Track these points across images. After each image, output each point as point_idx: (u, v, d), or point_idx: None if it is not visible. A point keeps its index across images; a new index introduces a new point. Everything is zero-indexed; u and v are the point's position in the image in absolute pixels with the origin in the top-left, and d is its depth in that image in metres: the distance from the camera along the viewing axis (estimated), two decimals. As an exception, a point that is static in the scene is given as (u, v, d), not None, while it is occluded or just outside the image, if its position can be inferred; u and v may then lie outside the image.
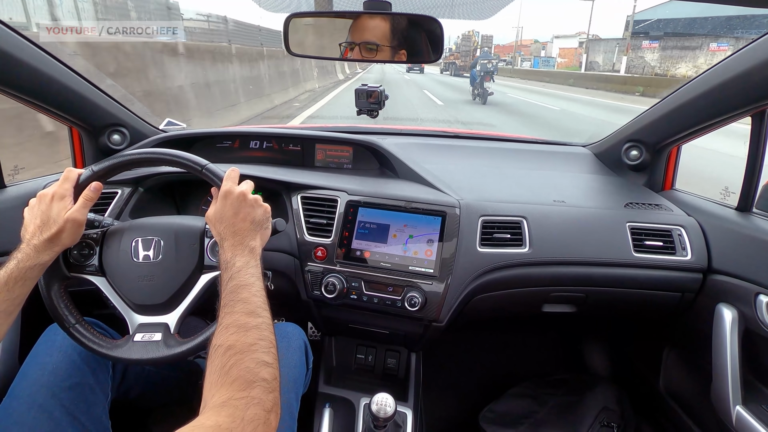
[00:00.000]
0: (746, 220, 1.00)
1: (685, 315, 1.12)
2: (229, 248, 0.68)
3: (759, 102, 0.91)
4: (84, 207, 0.71)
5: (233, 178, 0.75)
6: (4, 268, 0.64)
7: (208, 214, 0.73)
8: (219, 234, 0.70)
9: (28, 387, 0.71)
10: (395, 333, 1.12)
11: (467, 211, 1.03)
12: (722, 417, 0.95)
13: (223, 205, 0.71)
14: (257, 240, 0.72)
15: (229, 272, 0.65)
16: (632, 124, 1.28)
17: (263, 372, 0.52)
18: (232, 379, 0.51)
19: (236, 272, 0.64)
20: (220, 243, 0.70)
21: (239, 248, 0.68)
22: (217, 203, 0.72)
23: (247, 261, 0.67)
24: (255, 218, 0.73)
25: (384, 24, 0.89)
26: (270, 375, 0.53)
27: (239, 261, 0.66)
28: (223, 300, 0.62)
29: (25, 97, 0.98)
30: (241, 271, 0.65)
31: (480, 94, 11.12)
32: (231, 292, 0.62)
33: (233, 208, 0.71)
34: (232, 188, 0.73)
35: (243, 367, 0.52)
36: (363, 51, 0.90)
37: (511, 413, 1.33)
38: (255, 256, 0.70)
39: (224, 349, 0.54)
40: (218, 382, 0.51)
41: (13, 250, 0.66)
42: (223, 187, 0.73)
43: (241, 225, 0.71)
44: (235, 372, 0.51)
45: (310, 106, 9.35)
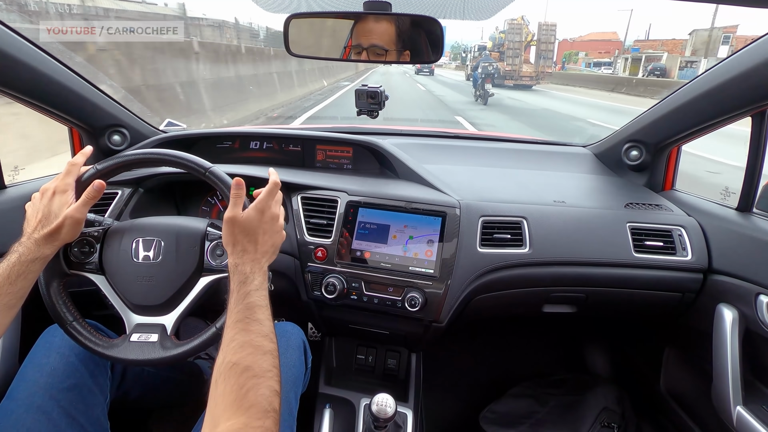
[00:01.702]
0: (746, 221, 1.00)
1: (686, 315, 1.12)
2: (249, 262, 0.66)
3: (759, 102, 0.91)
4: (84, 205, 0.71)
5: (278, 198, 0.74)
6: (6, 262, 0.64)
7: (233, 216, 0.68)
8: (239, 242, 0.68)
9: (26, 388, 0.71)
10: (395, 333, 1.12)
11: (467, 212, 1.03)
12: (723, 417, 0.95)
13: (257, 219, 0.69)
14: (269, 255, 0.72)
15: (246, 287, 0.63)
16: (632, 124, 1.28)
17: (275, 402, 0.53)
18: (249, 404, 0.50)
19: (254, 290, 0.63)
20: (238, 251, 0.67)
21: (257, 266, 0.67)
22: (250, 211, 0.69)
23: (262, 282, 0.66)
24: (275, 244, 0.73)
25: (391, 28, 0.89)
26: (279, 406, 0.53)
27: (257, 279, 0.65)
28: (237, 312, 0.60)
29: (25, 97, 0.98)
30: (258, 291, 0.64)
31: (481, 95, 11.75)
32: (247, 308, 0.61)
33: (265, 226, 0.70)
34: (272, 207, 0.72)
35: (260, 394, 0.52)
36: (371, 55, 0.91)
37: (512, 413, 1.33)
38: (267, 279, 0.69)
39: (242, 369, 0.53)
40: (235, 404, 0.51)
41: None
42: (262, 200, 0.71)
43: (265, 246, 0.70)
44: (252, 397, 0.51)
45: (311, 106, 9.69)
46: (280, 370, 0.57)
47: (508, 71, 20.03)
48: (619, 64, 34.05)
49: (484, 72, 11.72)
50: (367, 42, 0.90)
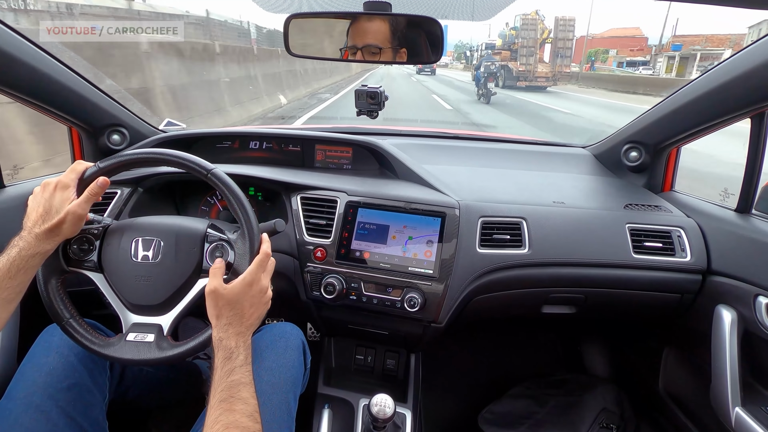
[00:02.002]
0: (746, 222, 1.00)
1: (685, 316, 1.12)
2: (234, 336, 0.64)
3: (758, 104, 0.91)
4: (87, 201, 0.70)
5: (269, 269, 0.73)
6: (6, 256, 0.63)
7: (215, 289, 0.66)
8: (224, 316, 0.66)
9: (24, 388, 0.71)
10: (395, 334, 1.11)
11: (467, 212, 1.03)
12: (721, 418, 0.95)
13: (244, 292, 0.67)
14: (254, 325, 0.69)
15: (231, 363, 0.61)
16: (632, 125, 1.29)
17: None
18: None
19: (238, 366, 0.61)
20: (223, 325, 0.65)
21: (242, 340, 0.65)
22: (237, 285, 0.67)
23: (246, 357, 0.64)
24: (261, 316, 0.70)
25: (384, 26, 0.89)
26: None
27: (242, 354, 0.63)
28: (221, 391, 0.59)
29: (24, 97, 0.98)
30: (242, 367, 0.62)
31: (484, 94, 12.03)
32: (232, 386, 0.59)
33: (252, 299, 0.68)
34: (262, 280, 0.70)
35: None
36: (366, 54, 0.90)
37: (511, 414, 1.33)
38: (249, 348, 0.66)
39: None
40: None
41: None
42: (252, 272, 0.69)
43: (251, 320, 0.68)
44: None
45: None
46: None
47: (521, 71, 18.14)
48: (660, 64, 29.96)
49: (486, 71, 11.93)
50: (361, 42, 0.90)
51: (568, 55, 19.56)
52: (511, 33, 20.00)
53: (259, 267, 0.70)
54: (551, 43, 19.41)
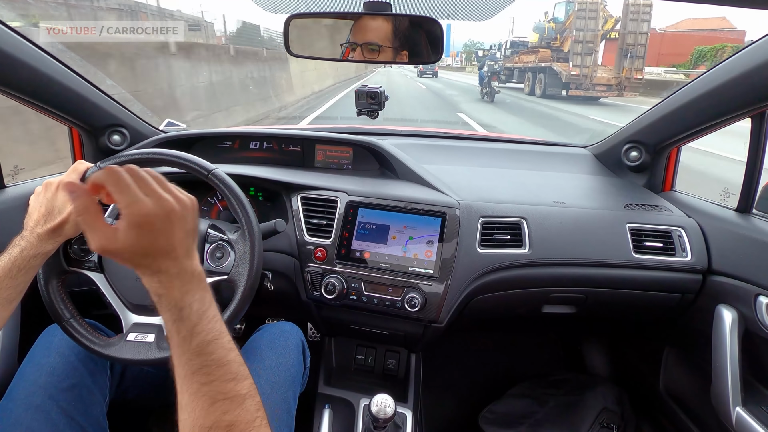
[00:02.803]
0: (746, 221, 1.00)
1: (685, 316, 1.12)
2: (172, 283, 0.46)
3: (759, 103, 0.91)
4: None
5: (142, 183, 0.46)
6: (7, 255, 0.63)
7: (101, 246, 0.45)
8: (141, 265, 0.46)
9: (25, 388, 0.71)
10: (395, 334, 1.12)
11: (467, 212, 1.03)
12: (722, 418, 0.95)
13: (143, 234, 0.44)
14: (195, 253, 0.50)
15: (185, 323, 0.45)
16: (632, 125, 1.29)
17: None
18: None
19: (198, 321, 0.46)
20: (149, 277, 0.46)
21: (185, 279, 0.47)
22: (128, 233, 0.44)
23: (202, 297, 0.47)
24: (191, 229, 0.49)
25: (386, 25, 0.89)
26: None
27: (195, 303, 0.46)
28: (186, 364, 0.45)
29: (24, 97, 0.98)
30: (202, 319, 0.46)
31: (488, 93, 12.33)
32: (198, 353, 0.45)
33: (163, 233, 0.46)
34: (148, 205, 0.45)
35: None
36: (365, 52, 0.90)
37: (511, 414, 1.33)
38: (203, 283, 0.49)
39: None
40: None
41: None
42: (133, 207, 0.44)
43: (179, 245, 0.47)
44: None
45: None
46: (261, 403, 0.47)
47: (574, 77, 12.96)
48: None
49: (490, 70, 12.57)
50: (361, 39, 0.89)
51: (641, 55, 13.03)
52: (550, 26, 15.55)
53: (128, 188, 0.45)
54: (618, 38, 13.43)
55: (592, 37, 13.27)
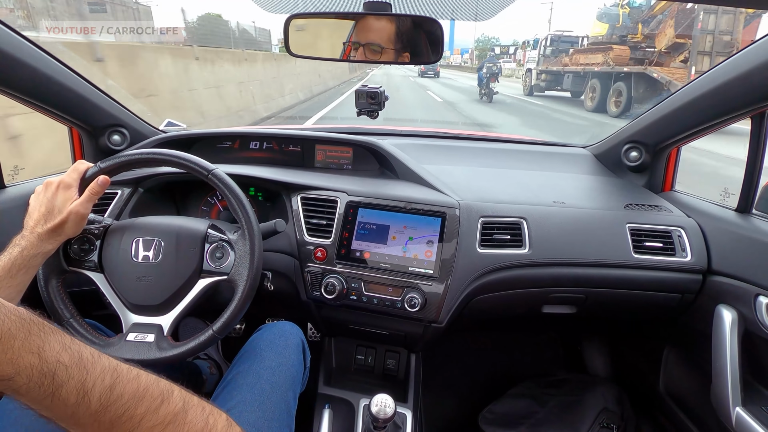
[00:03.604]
0: (746, 222, 1.00)
1: (685, 316, 1.12)
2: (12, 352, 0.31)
3: (759, 103, 0.91)
4: (89, 201, 0.71)
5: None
6: (7, 255, 0.64)
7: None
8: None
9: None
10: (395, 334, 1.12)
11: (467, 212, 1.03)
12: (722, 418, 0.95)
13: None
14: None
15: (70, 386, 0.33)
16: (632, 125, 1.29)
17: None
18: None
19: (83, 372, 0.34)
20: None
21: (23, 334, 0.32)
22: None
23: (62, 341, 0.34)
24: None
25: (390, 26, 0.89)
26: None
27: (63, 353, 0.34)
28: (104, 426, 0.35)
29: (24, 97, 0.98)
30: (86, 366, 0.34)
31: (486, 94, 12.54)
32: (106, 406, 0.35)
33: None
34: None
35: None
36: (367, 52, 0.90)
37: (511, 414, 1.33)
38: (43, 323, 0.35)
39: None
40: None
41: None
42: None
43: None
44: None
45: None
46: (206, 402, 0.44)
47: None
48: None
49: (489, 72, 12.40)
50: (364, 39, 0.90)
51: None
52: (624, 11, 12.01)
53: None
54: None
55: (729, 25, 8.31)
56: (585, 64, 11.51)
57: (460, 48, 57.84)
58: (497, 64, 13.29)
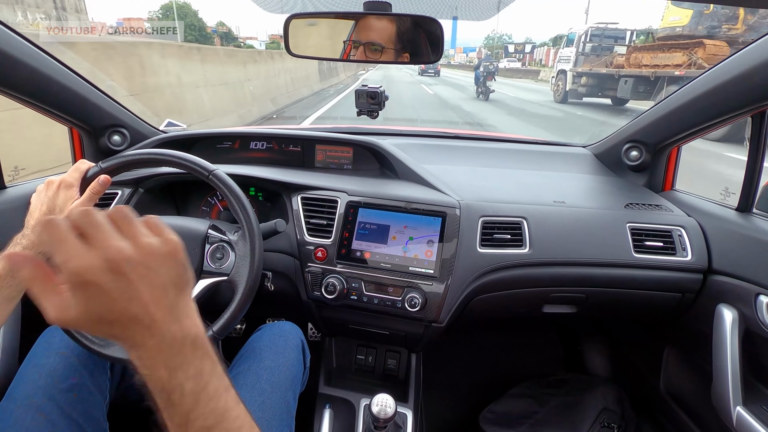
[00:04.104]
0: (746, 221, 1.00)
1: (686, 315, 1.12)
2: (152, 359, 0.35)
3: (759, 102, 0.91)
4: (89, 200, 0.71)
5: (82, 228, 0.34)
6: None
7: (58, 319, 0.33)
8: (118, 338, 0.36)
9: (24, 388, 0.71)
10: (395, 334, 1.12)
11: (467, 212, 1.02)
12: (723, 417, 0.95)
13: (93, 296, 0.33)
14: (190, 311, 0.39)
15: (177, 410, 0.36)
16: (632, 124, 1.28)
17: None
18: None
19: (193, 406, 0.36)
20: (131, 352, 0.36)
21: (172, 352, 0.36)
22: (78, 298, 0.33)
23: (198, 372, 0.37)
24: (169, 276, 0.37)
25: (390, 26, 0.89)
26: None
27: (189, 382, 0.36)
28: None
29: (24, 97, 0.98)
30: (199, 402, 0.36)
31: (483, 92, 12.96)
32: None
33: (117, 291, 0.34)
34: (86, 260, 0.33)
35: None
36: (367, 51, 0.90)
37: (512, 413, 1.33)
38: (200, 350, 0.38)
39: None
40: None
41: None
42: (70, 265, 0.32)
43: (150, 308, 0.35)
44: None
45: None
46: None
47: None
48: None
49: (486, 70, 12.76)
50: (365, 38, 0.90)
51: None
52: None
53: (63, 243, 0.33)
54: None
55: None
56: (655, 66, 8.84)
57: (463, 47, 56.20)
58: (494, 63, 14.04)
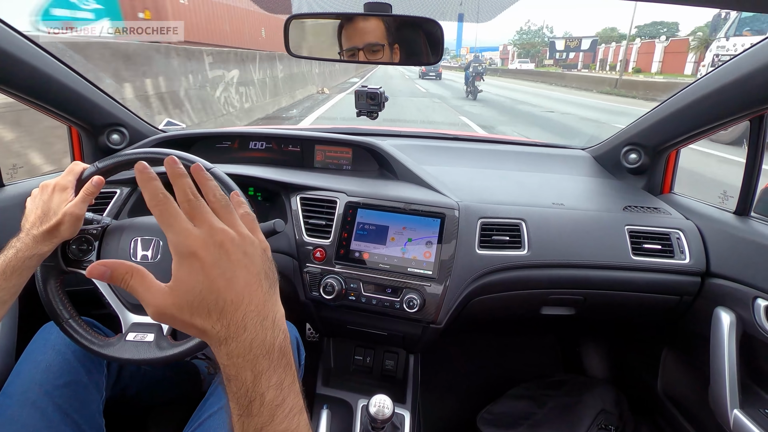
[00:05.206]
0: (744, 224, 1.01)
1: (684, 318, 1.12)
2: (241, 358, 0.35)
3: (757, 106, 0.91)
4: (83, 201, 0.70)
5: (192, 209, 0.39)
6: (2, 257, 0.63)
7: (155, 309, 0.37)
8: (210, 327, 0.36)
9: (21, 385, 0.71)
10: (394, 334, 1.12)
11: (466, 213, 1.03)
12: (720, 420, 0.95)
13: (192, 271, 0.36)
14: (278, 315, 0.38)
15: (253, 421, 0.35)
16: (631, 127, 1.29)
17: None
18: None
19: (269, 419, 0.35)
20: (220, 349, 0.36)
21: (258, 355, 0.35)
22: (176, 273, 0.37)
23: (280, 381, 0.36)
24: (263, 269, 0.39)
25: (380, 24, 0.89)
26: None
27: (270, 391, 0.35)
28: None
29: (24, 96, 0.98)
30: (275, 416, 0.36)
31: (471, 92, 13.77)
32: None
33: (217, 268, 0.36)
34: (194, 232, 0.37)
35: None
36: (367, 54, 0.90)
37: (510, 414, 1.33)
38: (285, 357, 0.37)
39: None
40: None
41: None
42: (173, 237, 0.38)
43: (244, 297, 0.36)
44: None
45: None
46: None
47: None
48: None
49: (474, 71, 13.65)
50: (361, 42, 0.90)
51: None
52: None
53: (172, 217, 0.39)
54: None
55: None
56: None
57: (464, 49, 52.78)
58: (482, 64, 14.99)
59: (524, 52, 31.08)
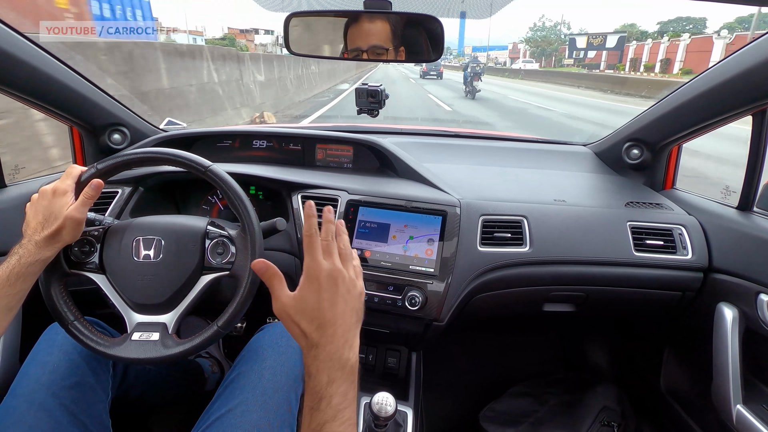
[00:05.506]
0: (747, 219, 1.00)
1: (686, 314, 1.12)
2: (322, 363, 0.47)
3: (759, 101, 0.91)
4: (84, 205, 0.70)
5: (327, 247, 0.52)
6: (6, 264, 0.64)
7: (280, 305, 0.51)
8: (308, 332, 0.48)
9: (28, 386, 0.72)
10: (396, 332, 1.12)
11: (468, 211, 1.03)
12: (723, 416, 0.95)
13: (313, 289, 0.49)
14: (356, 342, 0.50)
15: (319, 416, 0.44)
16: (633, 123, 1.28)
17: None
18: None
19: (331, 419, 0.44)
20: (310, 351, 0.48)
21: (336, 365, 0.47)
22: (301, 284, 0.50)
23: (345, 392, 0.46)
24: (358, 320, 0.52)
25: (386, 26, 0.89)
26: None
27: (337, 396, 0.45)
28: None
29: (25, 96, 0.98)
30: (336, 419, 0.44)
31: (470, 91, 14.16)
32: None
33: (332, 297, 0.50)
34: (337, 263, 0.51)
35: None
36: (371, 55, 0.90)
37: (512, 412, 1.33)
38: (352, 376, 0.48)
39: None
40: None
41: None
42: (309, 261, 0.51)
43: (344, 329, 0.49)
44: None
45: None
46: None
47: None
48: None
49: (473, 71, 14.02)
50: (366, 44, 0.90)
51: None
52: None
53: (313, 249, 0.51)
54: None
55: None
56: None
57: (466, 48, 50.71)
58: (480, 64, 15.36)
59: (538, 51, 28.65)
